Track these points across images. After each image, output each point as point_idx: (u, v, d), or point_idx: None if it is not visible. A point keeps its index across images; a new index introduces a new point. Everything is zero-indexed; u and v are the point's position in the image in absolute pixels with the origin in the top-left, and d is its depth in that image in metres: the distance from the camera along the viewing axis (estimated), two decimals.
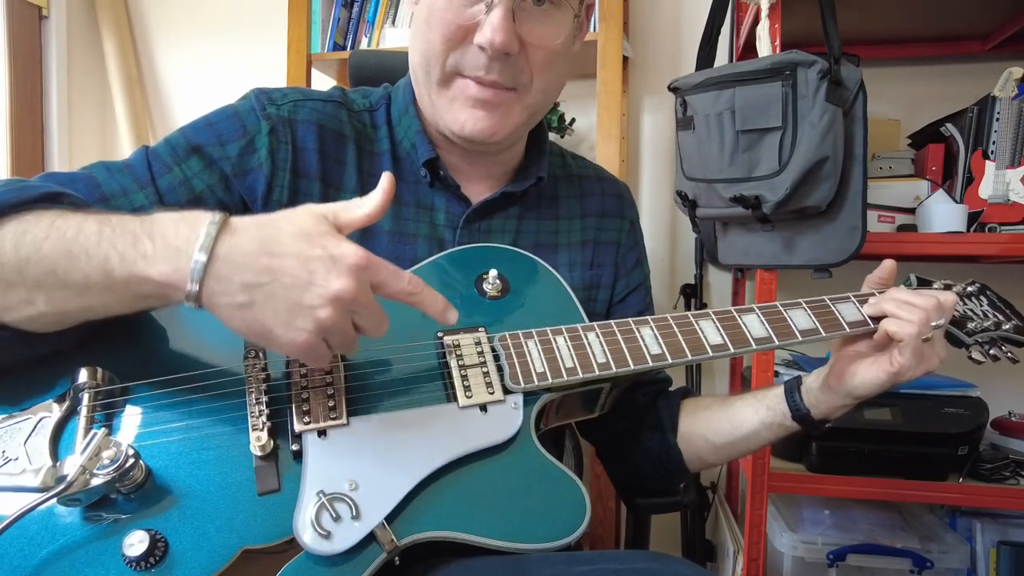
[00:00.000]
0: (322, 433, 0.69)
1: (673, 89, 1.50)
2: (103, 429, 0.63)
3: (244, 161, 0.85)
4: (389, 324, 0.66)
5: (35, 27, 2.20)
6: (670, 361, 0.82)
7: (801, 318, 0.86)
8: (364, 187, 0.91)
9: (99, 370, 0.68)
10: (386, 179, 0.68)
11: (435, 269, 0.88)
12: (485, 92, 0.84)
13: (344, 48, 2.01)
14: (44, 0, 2.19)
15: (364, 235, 0.89)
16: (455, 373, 0.77)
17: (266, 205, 0.86)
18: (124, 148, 2.29)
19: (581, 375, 0.79)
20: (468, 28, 0.81)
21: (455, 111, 0.86)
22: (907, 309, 0.82)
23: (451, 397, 0.76)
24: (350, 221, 0.66)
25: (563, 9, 0.85)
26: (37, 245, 0.62)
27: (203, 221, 0.61)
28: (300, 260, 0.60)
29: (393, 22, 1.99)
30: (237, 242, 0.60)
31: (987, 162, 1.57)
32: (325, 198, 0.88)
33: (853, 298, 0.88)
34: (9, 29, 2.10)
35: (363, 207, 0.66)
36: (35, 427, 0.65)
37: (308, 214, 0.64)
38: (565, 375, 0.79)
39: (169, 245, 0.60)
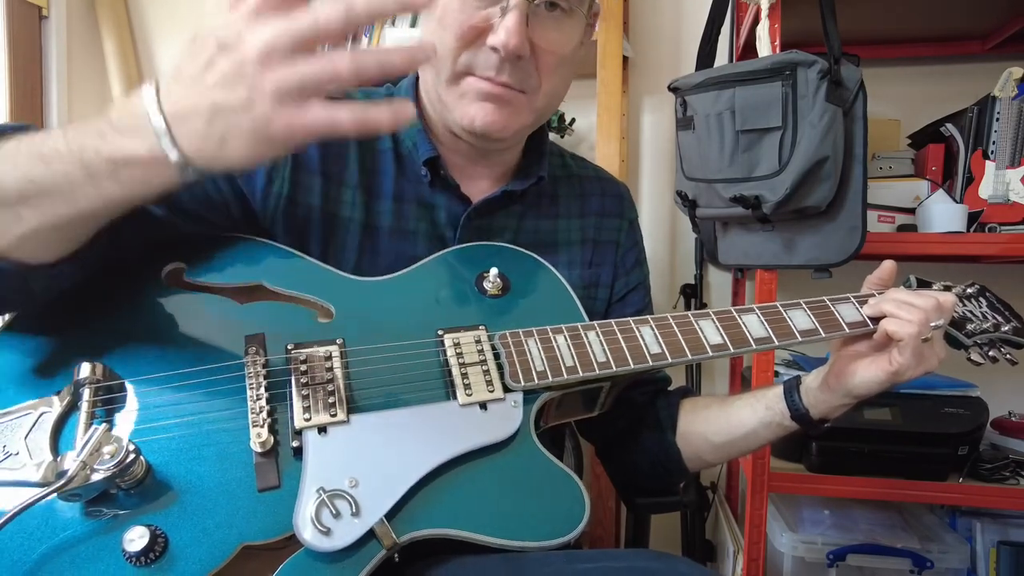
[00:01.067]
0: (322, 430, 0.69)
1: (673, 89, 1.51)
2: (104, 424, 0.64)
3: None
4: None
5: (35, 27, 2.20)
6: (670, 360, 0.82)
7: (801, 318, 0.86)
8: (366, 183, 0.91)
9: (100, 365, 0.68)
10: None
11: (437, 267, 0.88)
12: (496, 88, 0.85)
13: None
14: (44, 0, 2.19)
15: (365, 232, 0.89)
16: (455, 371, 0.77)
17: (266, 198, 0.86)
18: None
19: (581, 374, 0.79)
20: (481, 30, 0.82)
21: (465, 106, 0.86)
22: (906, 309, 0.82)
23: (451, 395, 0.76)
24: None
25: (575, 16, 0.85)
26: (11, 159, 0.61)
27: (144, 89, 0.58)
28: (211, 73, 0.55)
29: (393, 22, 1.98)
30: (175, 89, 0.57)
31: (987, 162, 1.57)
32: (326, 193, 0.88)
33: (853, 299, 0.89)
34: (9, 29, 2.10)
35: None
36: (36, 422, 0.65)
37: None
38: (565, 374, 0.79)
39: (129, 124, 0.58)
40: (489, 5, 0.81)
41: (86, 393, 0.67)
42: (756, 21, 1.46)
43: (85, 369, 0.67)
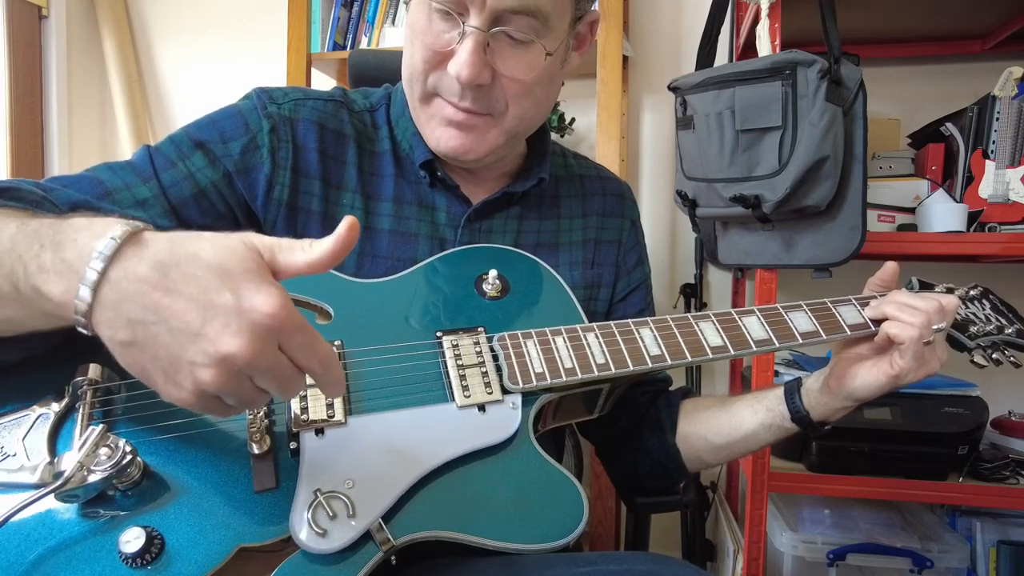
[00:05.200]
0: (320, 432, 0.69)
1: (673, 89, 1.50)
2: (101, 426, 0.63)
3: (247, 159, 0.85)
4: (302, 384, 0.56)
5: (35, 27, 2.20)
6: (669, 362, 0.82)
7: (801, 320, 0.86)
8: (365, 187, 0.91)
9: (99, 367, 0.68)
10: (345, 224, 0.57)
11: (435, 269, 0.88)
12: (459, 115, 0.84)
13: (344, 48, 2.01)
14: (44, 0, 2.19)
15: (365, 235, 0.89)
16: (453, 373, 0.77)
17: (267, 203, 0.86)
18: (124, 148, 2.29)
19: (580, 376, 0.79)
20: (444, 54, 0.81)
21: (432, 128, 0.87)
22: (908, 312, 0.81)
23: (449, 397, 0.76)
24: (288, 265, 0.56)
25: (534, 47, 0.82)
26: None
27: (107, 232, 0.52)
28: (199, 303, 0.50)
29: (393, 22, 1.99)
30: (134, 266, 0.51)
31: (987, 161, 1.56)
32: (326, 197, 0.88)
33: (854, 300, 0.88)
34: (9, 29, 2.10)
35: (308, 252, 0.56)
36: (33, 423, 0.65)
37: (241, 243, 0.54)
38: (564, 375, 0.79)
39: (64, 259, 0.52)
40: (450, 29, 0.80)
41: (85, 394, 0.66)
42: (756, 21, 1.46)
43: (84, 370, 0.67)
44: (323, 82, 2.13)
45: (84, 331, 0.53)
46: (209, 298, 0.50)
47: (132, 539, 0.59)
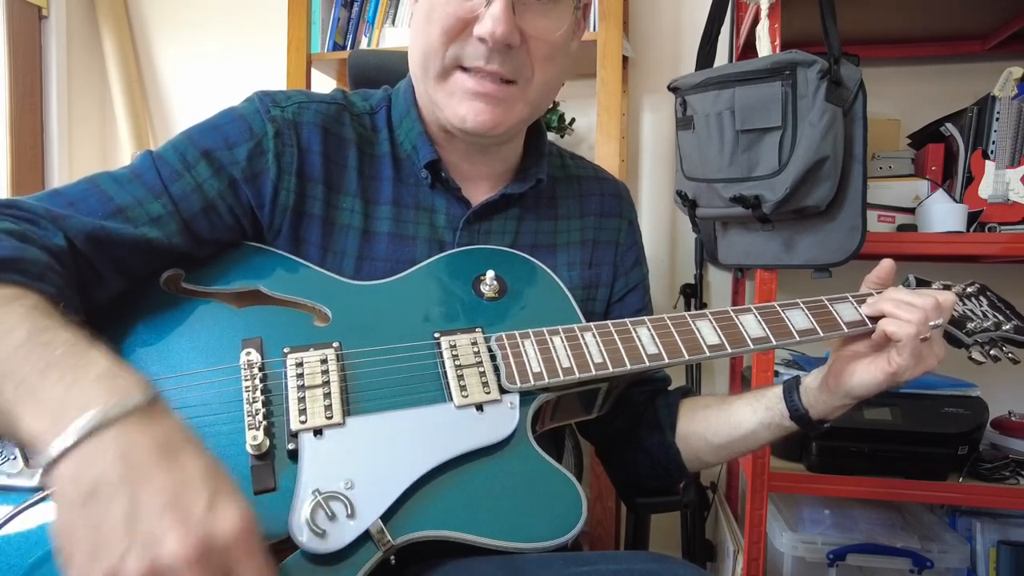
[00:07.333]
0: (318, 432, 0.69)
1: (673, 89, 1.50)
2: None
3: (253, 164, 0.84)
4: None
5: (35, 27, 2.20)
6: (667, 361, 0.82)
7: (799, 318, 0.86)
8: (365, 191, 0.91)
9: None
10: None
11: (433, 271, 0.88)
12: (485, 86, 0.84)
13: (344, 48, 2.01)
14: (44, 0, 2.19)
15: (364, 239, 0.89)
16: (451, 373, 0.77)
17: (273, 210, 0.86)
18: (124, 148, 2.29)
19: (578, 375, 0.79)
20: (468, 21, 0.81)
21: (455, 105, 0.86)
22: (905, 309, 0.81)
23: (447, 397, 0.76)
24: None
25: (563, 2, 0.84)
26: None
27: (128, 390, 0.52)
28: (173, 488, 0.48)
29: (393, 22, 1.99)
30: (137, 432, 0.50)
31: (987, 162, 1.56)
32: (327, 201, 0.88)
33: (851, 298, 0.88)
34: (9, 29, 2.10)
35: None
36: None
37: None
38: (562, 375, 0.79)
39: (69, 397, 0.51)
40: None
41: None
42: (756, 21, 1.46)
43: None
44: (323, 82, 2.13)
45: (27, 475, 0.51)
46: (184, 489, 0.49)
47: None
